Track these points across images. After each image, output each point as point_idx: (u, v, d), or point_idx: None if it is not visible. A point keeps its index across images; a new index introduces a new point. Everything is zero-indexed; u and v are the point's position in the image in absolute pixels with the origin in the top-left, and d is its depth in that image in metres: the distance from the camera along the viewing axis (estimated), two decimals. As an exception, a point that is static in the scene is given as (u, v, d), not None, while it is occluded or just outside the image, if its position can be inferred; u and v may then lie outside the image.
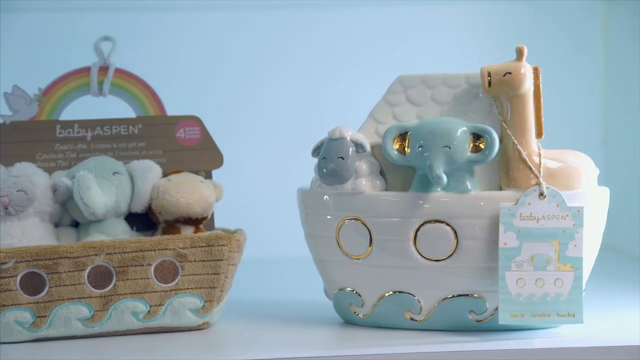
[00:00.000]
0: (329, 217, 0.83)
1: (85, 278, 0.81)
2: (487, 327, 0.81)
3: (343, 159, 0.82)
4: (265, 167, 1.31)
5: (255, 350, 0.78)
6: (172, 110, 0.93)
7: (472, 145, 0.80)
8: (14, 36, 1.29)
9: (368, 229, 0.82)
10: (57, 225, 0.87)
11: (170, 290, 0.83)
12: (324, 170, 0.82)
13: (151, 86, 0.92)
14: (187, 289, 0.83)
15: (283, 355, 0.76)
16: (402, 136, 0.82)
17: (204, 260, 0.83)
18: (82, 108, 0.93)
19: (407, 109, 0.85)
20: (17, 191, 0.84)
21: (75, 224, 0.87)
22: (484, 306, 0.81)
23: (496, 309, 0.81)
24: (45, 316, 0.81)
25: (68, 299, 0.81)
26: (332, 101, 1.32)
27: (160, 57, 1.30)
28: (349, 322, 0.86)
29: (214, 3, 1.31)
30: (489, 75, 0.81)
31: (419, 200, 0.80)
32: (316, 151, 0.84)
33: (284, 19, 1.32)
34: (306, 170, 0.90)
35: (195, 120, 0.92)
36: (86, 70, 0.91)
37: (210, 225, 0.90)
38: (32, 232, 0.84)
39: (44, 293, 0.81)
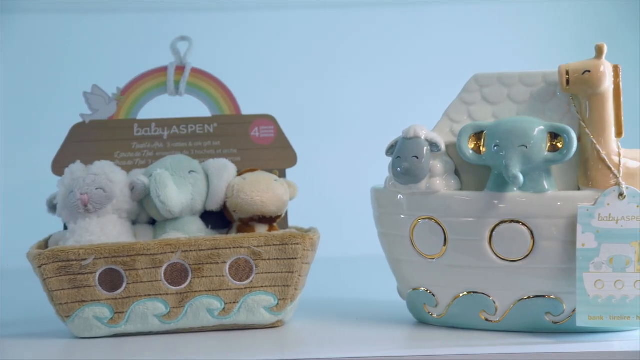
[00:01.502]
0: (402, 216, 0.83)
1: (162, 275, 0.82)
2: (564, 329, 0.80)
3: (417, 158, 0.81)
4: (339, 166, 1.31)
5: (328, 348, 0.78)
6: (247, 109, 0.93)
7: (549, 144, 0.79)
8: (94, 37, 1.32)
9: (442, 228, 0.81)
10: (134, 222, 0.88)
11: (245, 288, 0.83)
12: (398, 169, 0.82)
13: (226, 85, 0.93)
14: (262, 287, 0.83)
15: (356, 354, 0.76)
16: (478, 135, 0.81)
17: (278, 259, 0.83)
18: (158, 107, 0.94)
19: (482, 108, 0.84)
20: (96, 189, 0.85)
21: (152, 222, 0.89)
22: (560, 308, 0.80)
23: (573, 310, 0.79)
24: (123, 312, 0.82)
25: (145, 295, 0.82)
26: (406, 100, 1.31)
27: (235, 56, 1.31)
28: (423, 322, 0.85)
29: (290, 2, 1.31)
30: (567, 73, 0.80)
31: (494, 200, 0.79)
32: (390, 150, 0.84)
33: (359, 18, 1.32)
34: (380, 169, 0.89)
35: (269, 119, 0.92)
36: (163, 70, 0.92)
37: (284, 224, 0.91)
38: (110, 229, 0.85)
39: (122, 289, 0.82)
